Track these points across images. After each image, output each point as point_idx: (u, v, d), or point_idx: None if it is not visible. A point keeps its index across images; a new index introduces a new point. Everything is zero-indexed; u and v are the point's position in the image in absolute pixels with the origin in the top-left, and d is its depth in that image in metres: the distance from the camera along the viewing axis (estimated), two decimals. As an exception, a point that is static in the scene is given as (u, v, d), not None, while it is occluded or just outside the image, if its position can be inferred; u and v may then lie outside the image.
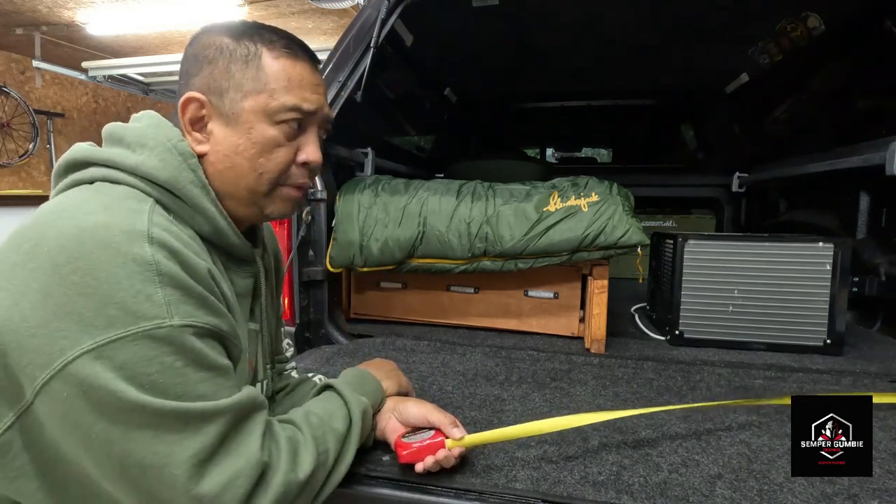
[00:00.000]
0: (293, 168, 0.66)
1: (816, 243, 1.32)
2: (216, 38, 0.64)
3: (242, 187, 0.64)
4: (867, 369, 1.22)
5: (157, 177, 0.58)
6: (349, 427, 0.68)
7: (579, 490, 0.72)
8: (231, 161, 0.63)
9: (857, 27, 1.66)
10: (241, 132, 0.62)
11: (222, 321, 0.56)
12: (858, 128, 1.75)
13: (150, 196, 0.58)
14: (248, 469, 0.52)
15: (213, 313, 0.55)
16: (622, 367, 1.25)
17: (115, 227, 0.51)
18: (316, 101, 0.66)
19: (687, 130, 3.19)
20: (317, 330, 1.46)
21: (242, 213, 0.66)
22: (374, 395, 0.78)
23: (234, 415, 0.54)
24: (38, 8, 4.10)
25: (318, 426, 0.64)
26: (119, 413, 0.48)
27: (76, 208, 0.53)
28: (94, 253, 0.49)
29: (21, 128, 5.47)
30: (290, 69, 0.64)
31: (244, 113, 0.62)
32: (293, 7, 4.10)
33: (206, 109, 0.63)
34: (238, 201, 0.65)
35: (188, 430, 0.50)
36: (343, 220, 1.43)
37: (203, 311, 0.53)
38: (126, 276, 0.49)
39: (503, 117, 3.34)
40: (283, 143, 0.64)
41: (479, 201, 1.38)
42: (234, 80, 0.62)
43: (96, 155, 0.59)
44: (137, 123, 0.63)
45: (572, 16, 1.80)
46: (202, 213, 0.61)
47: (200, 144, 0.63)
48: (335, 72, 1.49)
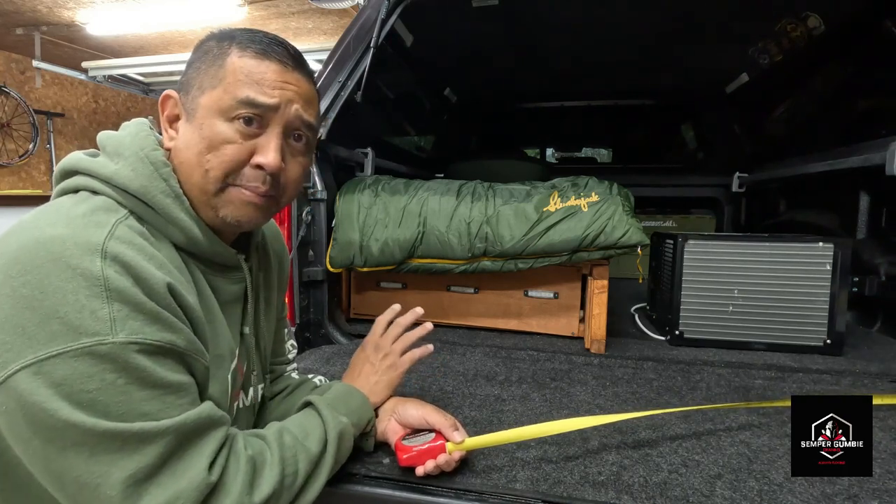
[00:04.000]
0: (246, 169, 0.62)
1: (816, 243, 1.32)
2: (207, 41, 0.64)
3: (193, 185, 0.62)
4: (867, 369, 1.22)
5: (129, 186, 0.58)
6: (324, 449, 0.66)
7: (579, 490, 0.72)
8: (184, 156, 0.62)
9: (857, 27, 1.66)
10: (195, 127, 0.61)
11: (178, 337, 0.54)
12: (858, 128, 1.75)
13: (123, 207, 0.58)
14: (189, 491, 0.51)
15: (168, 329, 0.53)
16: (622, 368, 1.25)
17: (70, 241, 0.51)
18: (278, 96, 0.62)
19: (687, 130, 3.19)
20: (317, 330, 1.46)
21: (204, 215, 0.64)
22: (359, 412, 0.75)
23: (179, 435, 0.52)
24: (38, 8, 4.10)
25: (291, 446, 0.63)
26: (52, 431, 0.48)
27: (43, 219, 0.53)
28: (44, 266, 0.49)
29: (21, 128, 5.47)
30: (251, 66, 0.61)
31: (199, 108, 0.61)
32: (293, 7, 4.10)
33: (178, 108, 0.64)
34: (195, 202, 0.63)
35: (125, 451, 0.49)
36: (343, 220, 1.43)
37: (155, 328, 0.52)
38: (73, 291, 0.49)
39: (503, 117, 3.33)
40: (235, 140, 0.61)
41: (479, 201, 1.38)
42: (199, 77, 0.62)
43: (81, 164, 0.60)
44: (122, 132, 0.63)
45: (572, 16, 1.80)
46: (175, 223, 0.60)
47: (171, 140, 0.64)
48: (335, 72, 1.49)
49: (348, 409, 0.74)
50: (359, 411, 0.75)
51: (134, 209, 0.58)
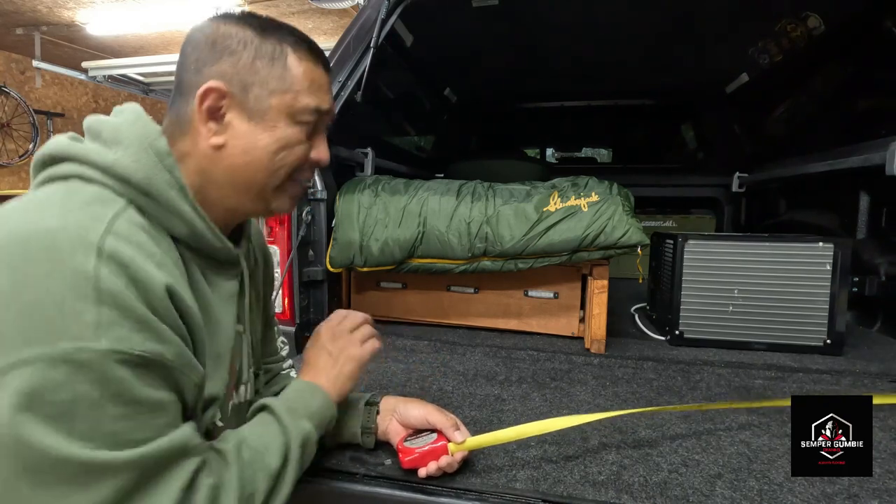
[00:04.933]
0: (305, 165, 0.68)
1: (816, 243, 1.32)
2: (237, 28, 0.62)
3: (258, 181, 0.64)
4: (867, 369, 1.22)
5: (131, 177, 0.55)
6: (284, 462, 0.63)
7: (579, 490, 0.72)
8: (251, 155, 0.63)
9: (857, 27, 1.66)
10: (265, 128, 0.63)
11: (167, 349, 0.51)
12: (858, 128, 1.75)
13: (122, 197, 0.54)
14: None
15: (157, 339, 0.50)
16: (622, 367, 1.25)
17: (62, 235, 0.47)
18: (330, 102, 0.69)
19: (687, 130, 3.19)
20: None
21: (248, 207, 0.66)
22: (321, 413, 0.71)
23: (144, 468, 0.47)
24: (38, 8, 4.10)
25: (249, 463, 0.59)
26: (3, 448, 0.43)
27: (35, 209, 0.50)
28: (32, 261, 0.46)
29: (21, 128, 5.47)
30: (312, 72, 0.65)
31: (270, 110, 0.62)
32: (293, 7, 4.10)
33: (226, 100, 0.61)
34: (247, 195, 0.65)
35: (78, 483, 0.44)
36: (343, 220, 1.43)
37: (142, 337, 0.48)
38: (59, 290, 0.45)
39: (503, 117, 3.34)
40: (303, 140, 0.66)
41: (479, 201, 1.38)
42: (260, 76, 0.62)
43: (72, 150, 0.56)
44: (116, 118, 0.60)
45: (572, 16, 1.80)
46: (178, 216, 0.58)
47: (216, 136, 0.61)
48: (335, 72, 1.49)
49: (309, 410, 0.69)
50: (321, 412, 0.71)
51: (134, 200, 0.55)
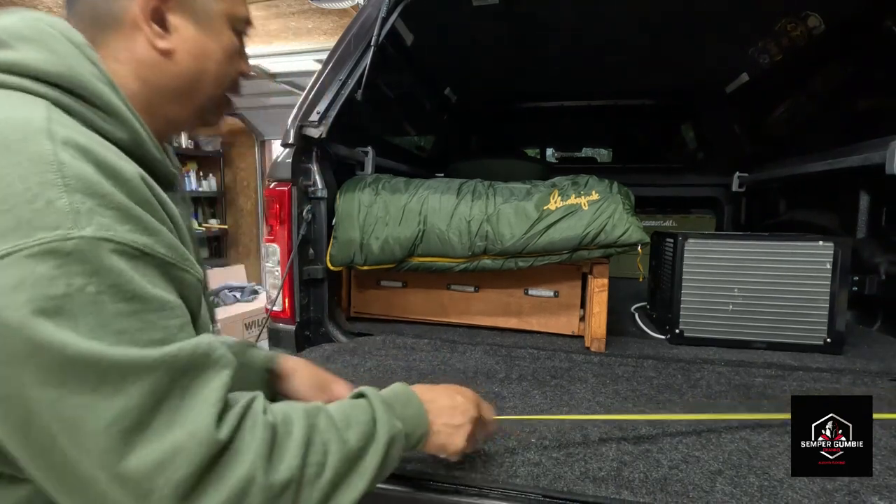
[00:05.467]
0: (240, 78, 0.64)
1: (816, 242, 1.32)
2: None
3: (205, 91, 0.59)
4: (867, 368, 1.22)
5: (49, 71, 0.45)
6: (365, 447, 0.52)
7: (580, 485, 0.72)
8: (202, 65, 0.57)
9: (857, 27, 1.66)
10: (213, 36, 0.57)
11: (157, 241, 0.43)
12: (858, 128, 1.75)
13: (42, 97, 0.45)
14: (192, 445, 0.40)
15: (144, 231, 0.42)
16: (622, 366, 1.25)
17: (6, 125, 0.41)
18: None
19: (687, 130, 3.19)
20: (317, 328, 1.46)
21: (184, 119, 0.59)
22: (414, 423, 0.60)
23: (171, 370, 0.40)
24: (38, 8, 4.10)
25: (323, 430, 0.49)
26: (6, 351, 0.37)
27: None
28: None
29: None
30: None
31: (216, 16, 0.57)
32: (293, 7, 4.11)
33: (169, 4, 0.54)
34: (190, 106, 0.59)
35: (102, 391, 0.38)
36: (343, 219, 1.43)
37: (127, 227, 0.41)
38: (20, 178, 0.38)
39: (503, 117, 3.34)
40: (242, 52, 0.61)
41: (480, 200, 1.38)
42: None
43: None
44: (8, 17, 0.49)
45: (572, 15, 1.80)
46: (115, 116, 0.49)
47: (162, 40, 0.54)
48: (335, 70, 1.49)
49: (403, 414, 0.59)
50: (414, 421, 0.60)
51: (58, 101, 0.45)
